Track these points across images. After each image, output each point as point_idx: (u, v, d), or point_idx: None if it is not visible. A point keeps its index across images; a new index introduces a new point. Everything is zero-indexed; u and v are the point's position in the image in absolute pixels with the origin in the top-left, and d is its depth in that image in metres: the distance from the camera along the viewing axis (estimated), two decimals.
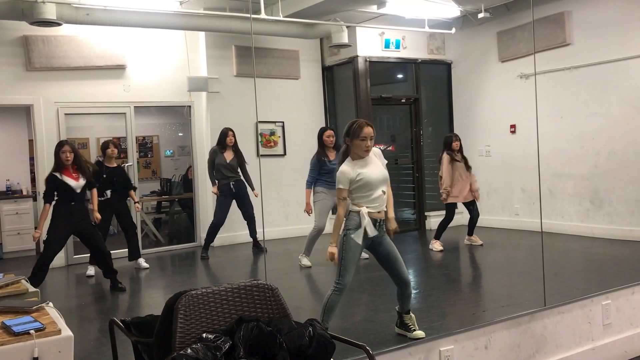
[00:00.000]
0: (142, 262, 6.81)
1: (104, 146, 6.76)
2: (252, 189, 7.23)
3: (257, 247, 7.44)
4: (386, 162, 3.86)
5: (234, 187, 7.17)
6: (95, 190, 5.96)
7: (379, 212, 3.67)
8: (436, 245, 7.06)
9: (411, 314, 3.84)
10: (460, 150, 7.08)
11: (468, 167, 7.04)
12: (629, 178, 6.99)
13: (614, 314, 4.51)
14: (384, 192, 3.69)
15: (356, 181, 3.62)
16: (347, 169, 3.66)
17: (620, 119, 7.04)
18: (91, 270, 6.52)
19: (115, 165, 6.71)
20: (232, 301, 2.57)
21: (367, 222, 3.59)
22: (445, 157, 6.98)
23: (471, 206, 7.11)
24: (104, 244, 5.90)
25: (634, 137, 6.92)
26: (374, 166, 3.71)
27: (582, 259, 6.38)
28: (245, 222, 7.35)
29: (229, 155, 7.19)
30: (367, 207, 3.62)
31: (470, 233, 7.26)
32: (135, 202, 6.78)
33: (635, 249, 6.53)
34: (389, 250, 3.74)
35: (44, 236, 5.61)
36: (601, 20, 7.15)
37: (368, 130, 3.63)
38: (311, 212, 6.36)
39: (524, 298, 4.58)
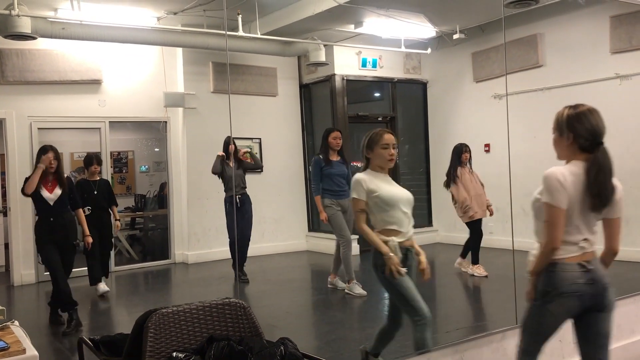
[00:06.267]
0: (101, 286, 6.18)
1: (87, 162, 6.38)
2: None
3: (242, 278, 6.59)
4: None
5: (239, 202, 6.66)
6: (81, 211, 5.44)
7: (407, 239, 3.22)
8: (478, 270, 6.47)
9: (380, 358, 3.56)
10: (469, 161, 6.62)
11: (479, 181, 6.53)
12: None
13: None
14: (405, 214, 3.24)
15: (374, 195, 3.19)
16: (363, 177, 3.26)
17: None
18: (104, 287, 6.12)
19: (98, 178, 6.42)
20: (203, 320, 2.54)
21: (399, 254, 3.16)
22: (460, 170, 6.45)
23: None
24: (66, 279, 5.16)
25: None
26: (395, 185, 3.35)
27: None
28: (237, 245, 6.33)
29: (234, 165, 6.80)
30: (393, 236, 3.17)
31: (472, 259, 6.56)
32: (116, 219, 6.39)
33: None
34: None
35: None
36: (572, 43, 7.31)
37: (389, 137, 3.28)
38: (326, 220, 5.80)
39: (497, 316, 4.62)
